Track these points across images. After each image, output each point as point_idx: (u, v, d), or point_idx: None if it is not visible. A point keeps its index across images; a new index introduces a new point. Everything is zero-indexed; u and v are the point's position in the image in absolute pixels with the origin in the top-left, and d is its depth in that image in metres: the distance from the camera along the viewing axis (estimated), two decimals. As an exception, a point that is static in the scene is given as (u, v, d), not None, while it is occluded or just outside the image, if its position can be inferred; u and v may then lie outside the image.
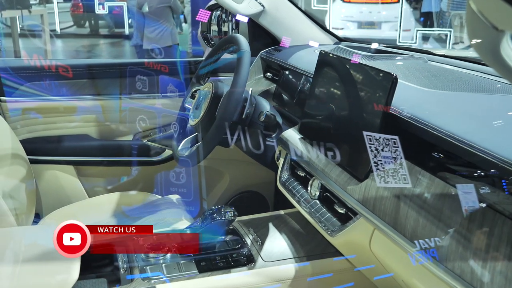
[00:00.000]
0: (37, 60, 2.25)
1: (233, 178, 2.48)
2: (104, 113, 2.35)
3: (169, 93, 2.39)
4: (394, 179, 1.23)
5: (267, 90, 2.11)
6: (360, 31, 9.16)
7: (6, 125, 1.95)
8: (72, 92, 2.31)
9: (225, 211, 1.48)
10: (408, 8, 9.56)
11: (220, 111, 1.66)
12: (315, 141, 1.55)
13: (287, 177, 1.69)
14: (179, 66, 2.41)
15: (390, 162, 1.23)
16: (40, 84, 2.26)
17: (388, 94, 1.26)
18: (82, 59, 6.70)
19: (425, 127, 1.18)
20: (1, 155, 1.88)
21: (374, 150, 1.27)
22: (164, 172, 2.34)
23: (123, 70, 2.36)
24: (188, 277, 1.40)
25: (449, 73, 1.59)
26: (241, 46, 1.69)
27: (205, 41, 2.45)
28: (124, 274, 1.41)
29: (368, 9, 9.48)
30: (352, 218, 1.33)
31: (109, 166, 2.34)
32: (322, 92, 1.57)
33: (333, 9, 8.37)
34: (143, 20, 6.20)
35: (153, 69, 2.36)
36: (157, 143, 2.39)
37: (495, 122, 1.18)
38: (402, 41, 7.60)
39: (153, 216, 1.96)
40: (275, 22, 2.16)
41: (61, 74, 2.26)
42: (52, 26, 9.62)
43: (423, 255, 1.06)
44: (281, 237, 1.59)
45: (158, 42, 6.08)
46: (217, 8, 2.39)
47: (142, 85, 2.36)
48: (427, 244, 1.06)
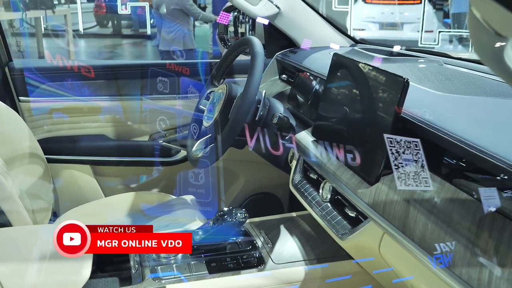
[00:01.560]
0: (60, 61, 2.28)
1: (247, 180, 2.48)
2: (124, 113, 2.37)
3: (189, 94, 2.41)
4: (415, 182, 1.23)
5: (282, 92, 2.11)
6: (381, 32, 9.10)
7: (24, 124, 1.99)
8: (93, 92, 2.34)
9: (236, 213, 1.49)
10: (431, 9, 9.47)
11: (233, 113, 1.67)
12: (327, 144, 1.55)
13: (299, 180, 1.70)
14: (200, 67, 2.42)
15: (411, 165, 1.23)
16: (62, 84, 2.29)
17: (399, 97, 1.25)
18: (103, 60, 6.75)
19: (436, 131, 1.17)
20: (19, 155, 1.92)
21: (395, 152, 1.27)
22: (179, 173, 2.36)
23: (144, 71, 2.39)
24: (199, 277, 1.41)
25: (464, 77, 1.57)
26: (255, 48, 1.69)
27: (222, 42, 2.46)
28: (135, 274, 1.42)
29: (390, 10, 9.41)
30: (362, 222, 1.33)
31: (125, 166, 2.36)
32: (335, 95, 1.57)
33: (355, 10, 8.33)
34: (160, 21, 6.24)
35: (174, 71, 2.37)
36: (172, 144, 2.41)
37: (508, 127, 1.17)
38: (424, 42, 7.54)
39: (167, 216, 1.98)
40: (291, 24, 2.16)
41: (83, 75, 2.29)
42: (75, 26, 9.75)
43: (431, 261, 1.06)
44: (292, 239, 1.59)
45: (171, 44, 6.10)
46: (234, 9, 2.40)
47: (163, 86, 2.38)
48: (435, 249, 1.06)
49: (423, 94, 1.38)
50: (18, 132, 1.96)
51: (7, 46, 2.22)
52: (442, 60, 1.80)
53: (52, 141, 2.29)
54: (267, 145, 1.76)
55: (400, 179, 1.22)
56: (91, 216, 2.06)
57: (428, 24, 8.41)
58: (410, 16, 9.26)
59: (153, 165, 2.38)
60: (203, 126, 1.87)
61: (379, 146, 1.26)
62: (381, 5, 9.52)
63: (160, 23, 6.20)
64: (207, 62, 2.48)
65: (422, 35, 7.45)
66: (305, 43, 2.16)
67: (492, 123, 1.20)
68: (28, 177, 1.92)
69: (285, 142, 1.76)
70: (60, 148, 2.30)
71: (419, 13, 8.71)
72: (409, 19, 9.24)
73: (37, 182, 1.96)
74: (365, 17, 9.15)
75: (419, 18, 8.66)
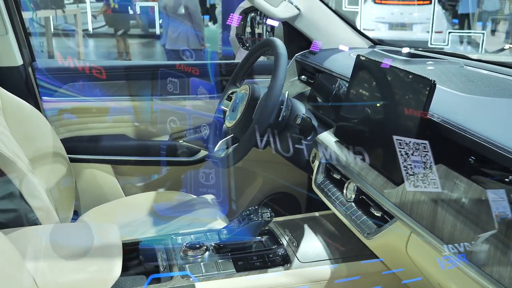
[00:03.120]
0: (71, 62, 2.31)
1: (266, 179, 2.51)
2: (138, 114, 2.40)
3: (200, 95, 2.44)
4: (424, 184, 1.25)
5: (302, 92, 2.13)
6: (391, 32, 9.12)
7: (48, 124, 2.01)
8: (105, 93, 2.37)
9: (262, 212, 1.51)
10: (440, 9, 9.47)
11: (257, 114, 1.69)
12: (351, 145, 1.57)
13: (322, 180, 1.71)
14: (210, 68, 2.45)
15: (420, 167, 1.25)
16: (74, 85, 2.32)
17: (426, 99, 1.27)
18: (115, 61, 6.76)
19: (463, 132, 1.18)
20: (43, 154, 1.95)
21: (404, 154, 1.30)
22: (199, 172, 2.39)
23: (155, 72, 2.41)
24: (227, 275, 1.43)
25: (486, 78, 1.59)
26: (278, 50, 1.71)
27: (240, 43, 2.49)
28: (163, 272, 1.45)
29: (400, 11, 9.42)
30: (389, 222, 1.35)
31: (145, 165, 2.39)
32: (359, 96, 1.58)
33: (364, 10, 8.33)
34: (167, 20, 6.26)
35: (184, 71, 2.40)
36: (192, 144, 2.43)
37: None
38: (434, 43, 7.53)
39: (188, 215, 2.00)
40: (311, 25, 2.18)
41: (95, 76, 2.32)
42: (84, 25, 9.78)
43: (460, 259, 1.07)
44: (316, 238, 1.61)
45: (176, 43, 6.13)
46: (252, 10, 2.42)
47: (173, 87, 2.40)
48: (464, 248, 1.07)
49: (448, 96, 1.40)
50: (42, 131, 1.98)
51: (31, 46, 2.26)
52: (463, 62, 1.81)
53: (74, 141, 2.32)
54: (290, 145, 1.78)
55: (410, 181, 1.26)
56: (112, 215, 2.09)
57: (437, 24, 8.40)
58: (419, 17, 9.27)
59: (173, 164, 2.40)
60: (225, 126, 1.89)
61: (405, 146, 1.28)
62: (391, 6, 9.54)
63: (167, 23, 6.22)
64: (217, 63, 2.50)
65: (432, 35, 7.44)
66: (315, 44, 2.18)
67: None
68: (51, 176, 1.95)
69: (307, 143, 1.78)
70: (82, 148, 2.33)
71: (428, 13, 8.71)
72: (419, 20, 9.26)
73: (60, 181, 1.99)
74: (374, 17, 9.17)
75: (428, 18, 8.66)
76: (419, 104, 1.28)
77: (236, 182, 2.51)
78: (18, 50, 2.19)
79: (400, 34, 9.25)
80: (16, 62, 2.18)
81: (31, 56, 2.27)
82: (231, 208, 2.49)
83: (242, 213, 1.54)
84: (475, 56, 1.91)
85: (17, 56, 2.19)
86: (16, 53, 2.18)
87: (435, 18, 7.88)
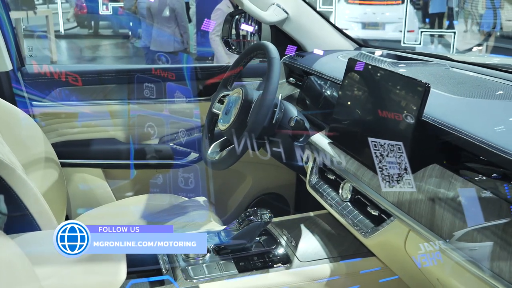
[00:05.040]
0: (46, 68, 2.30)
1: (255, 180, 2.54)
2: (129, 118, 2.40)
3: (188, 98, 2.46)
4: (398, 184, 1.31)
5: (291, 95, 2.17)
6: (364, 31, 9.25)
7: (38, 129, 2.01)
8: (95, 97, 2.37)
9: (261, 213, 1.54)
10: (412, 9, 9.63)
11: (252, 117, 1.72)
12: (345, 146, 1.61)
13: (316, 180, 1.75)
14: (186, 72, 2.46)
15: (395, 168, 1.31)
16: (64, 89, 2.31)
17: (421, 102, 1.31)
18: (106, 65, 6.64)
19: (458, 133, 1.23)
20: (35, 159, 1.94)
21: (379, 155, 1.35)
22: (190, 175, 2.40)
23: (137, 76, 2.42)
24: (229, 276, 1.46)
25: (474, 80, 1.64)
26: (272, 54, 1.74)
27: (226, 46, 2.51)
28: (166, 274, 1.47)
29: (372, 10, 9.57)
30: (386, 220, 1.39)
31: (136, 169, 2.40)
32: (352, 99, 1.63)
33: (338, 10, 8.43)
34: (152, 22, 6.23)
35: (160, 76, 2.41)
36: (183, 147, 2.44)
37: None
38: (406, 42, 7.66)
39: (182, 218, 2.02)
40: (298, 28, 2.22)
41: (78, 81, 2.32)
42: (55, 26, 9.66)
43: (460, 255, 1.12)
44: (314, 238, 1.65)
45: (162, 46, 6.10)
46: (238, 13, 2.45)
47: (149, 92, 2.41)
48: (464, 244, 1.12)
49: (440, 98, 1.44)
50: (33, 136, 1.98)
51: (20, 51, 2.24)
52: (448, 64, 1.87)
53: (64, 145, 2.31)
54: (283, 147, 1.81)
55: (385, 181, 1.32)
56: (104, 219, 2.09)
57: (409, 24, 8.55)
58: (391, 16, 9.43)
59: (164, 167, 2.41)
60: (217, 129, 1.91)
61: (401, 148, 1.33)
62: (363, 6, 9.67)
63: (151, 24, 6.19)
64: (193, 67, 2.51)
65: (404, 34, 7.56)
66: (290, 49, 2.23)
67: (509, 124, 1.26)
68: (44, 181, 1.95)
69: (300, 145, 1.81)
70: (72, 152, 2.33)
71: (400, 13, 8.87)
72: (391, 19, 9.41)
73: (52, 186, 1.98)
74: (348, 17, 9.29)
75: (400, 18, 8.83)
76: (414, 106, 1.32)
77: (226, 184, 2.54)
78: (7, 55, 2.17)
79: (372, 33, 9.39)
80: (6, 67, 2.16)
81: (21, 61, 2.25)
82: (222, 209, 2.51)
83: (242, 214, 1.57)
84: (460, 58, 1.97)
85: (7, 61, 2.16)
86: (6, 58, 2.16)
87: (407, 18, 8.02)
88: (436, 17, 10.23)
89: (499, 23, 8.28)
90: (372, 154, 1.38)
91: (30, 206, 1.51)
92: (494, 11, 8.32)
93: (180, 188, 2.40)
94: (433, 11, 10.27)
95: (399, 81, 1.42)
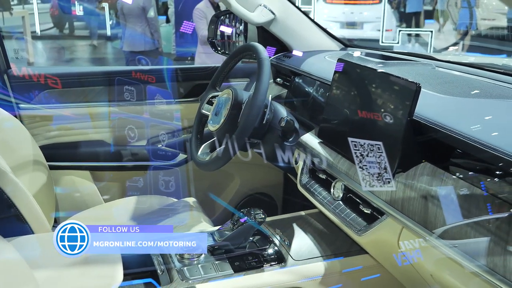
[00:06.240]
0: (30, 71, 2.29)
1: (243, 180, 2.56)
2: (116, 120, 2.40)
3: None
4: (378, 183, 1.34)
5: (279, 95, 2.19)
6: (342, 31, 9.31)
7: (26, 132, 2.00)
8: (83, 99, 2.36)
9: (255, 213, 1.55)
10: (389, 8, 9.73)
11: (243, 117, 1.73)
12: (335, 146, 1.63)
13: (307, 180, 1.77)
14: (166, 74, 2.47)
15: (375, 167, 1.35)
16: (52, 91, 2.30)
17: (412, 101, 1.33)
18: (95, 67, 6.56)
19: (449, 132, 1.25)
20: (23, 162, 1.93)
21: (360, 155, 1.38)
22: (179, 176, 2.41)
23: (115, 78, 2.42)
24: (225, 276, 1.47)
25: (460, 79, 1.68)
26: (261, 54, 1.76)
27: (212, 47, 2.52)
28: (162, 275, 1.47)
29: (350, 10, 9.64)
30: (379, 218, 1.42)
31: (124, 170, 2.39)
32: (342, 98, 1.64)
33: (316, 10, 8.48)
34: (124, 22, 6.19)
35: (141, 79, 2.42)
36: (170, 148, 2.45)
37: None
38: (385, 41, 7.75)
39: (172, 219, 2.02)
40: (285, 29, 2.24)
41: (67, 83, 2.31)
42: (31, 27, 9.55)
43: (454, 251, 1.15)
44: (307, 236, 1.67)
45: (134, 46, 6.08)
46: (224, 14, 2.46)
47: (129, 95, 2.42)
48: (458, 240, 1.15)
49: (429, 97, 1.47)
50: (21, 139, 1.97)
51: (5, 54, 2.22)
52: (434, 64, 1.90)
53: (51, 148, 2.30)
54: (273, 148, 1.83)
55: (365, 180, 1.35)
56: (93, 222, 2.08)
57: (387, 23, 8.63)
58: (369, 16, 9.52)
59: (152, 169, 2.41)
60: (207, 130, 1.92)
61: (392, 147, 1.35)
62: (341, 5, 9.74)
63: (124, 24, 6.16)
64: (173, 68, 2.52)
65: (383, 33, 7.64)
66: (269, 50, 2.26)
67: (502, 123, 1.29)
68: (32, 184, 1.94)
69: (290, 145, 1.83)
70: (59, 155, 2.31)
71: (378, 12, 8.95)
72: (369, 19, 9.50)
73: (41, 189, 1.98)
74: (326, 16, 9.33)
75: (378, 17, 8.90)
76: (405, 106, 1.35)
77: (214, 184, 2.55)
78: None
79: (351, 32, 9.45)
80: None
81: (6, 64, 2.23)
82: (211, 210, 2.52)
83: (236, 214, 1.58)
84: (445, 58, 2.00)
85: None
86: None
87: (385, 17, 8.10)
88: (413, 16, 10.36)
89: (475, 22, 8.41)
90: (352, 154, 1.41)
91: (22, 210, 1.51)
92: (470, 11, 8.45)
93: (169, 189, 2.40)
94: (410, 10, 10.40)
95: (389, 81, 1.44)
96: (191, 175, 2.41)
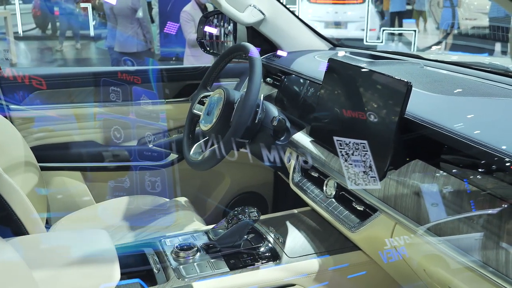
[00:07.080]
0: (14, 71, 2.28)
1: (233, 180, 2.57)
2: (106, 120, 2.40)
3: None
4: (364, 181, 1.37)
5: (269, 94, 2.20)
6: (327, 30, 9.36)
7: (17, 133, 1.99)
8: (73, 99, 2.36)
9: (249, 212, 1.57)
10: (373, 8, 9.80)
11: (235, 117, 1.75)
12: (327, 144, 1.65)
13: (299, 178, 1.79)
14: (155, 74, 2.48)
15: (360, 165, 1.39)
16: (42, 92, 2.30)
17: (403, 100, 1.36)
18: (86, 67, 6.51)
19: (440, 130, 1.28)
20: (15, 163, 1.93)
21: (345, 154, 1.41)
22: (170, 175, 2.42)
23: (102, 80, 2.42)
24: (221, 274, 1.48)
25: (449, 78, 1.71)
26: (253, 54, 1.78)
27: (202, 47, 2.53)
28: (158, 274, 1.48)
29: (334, 10, 9.70)
30: (372, 215, 1.44)
31: (115, 171, 2.40)
32: (334, 98, 1.66)
33: (301, 9, 8.53)
34: (115, 23, 6.17)
35: (127, 80, 2.42)
36: (161, 148, 2.46)
37: (501, 123, 1.30)
38: (369, 40, 7.81)
39: (164, 218, 2.03)
40: (275, 29, 2.26)
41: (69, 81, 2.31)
42: (13, 28, 9.45)
43: (447, 246, 1.17)
44: (301, 234, 1.69)
45: (126, 47, 6.06)
46: (213, 15, 2.47)
47: (114, 96, 2.42)
48: (451, 235, 1.17)
49: (419, 96, 1.49)
50: (13, 141, 1.96)
51: (-5, 55, 2.21)
52: (422, 63, 1.93)
53: (42, 149, 2.30)
54: (265, 147, 1.85)
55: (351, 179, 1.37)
56: (85, 222, 2.08)
57: (371, 22, 8.71)
58: (353, 15, 9.59)
59: (143, 169, 2.42)
60: (199, 130, 1.93)
61: (384, 145, 1.38)
62: (325, 5, 9.80)
63: (115, 25, 6.14)
64: (159, 69, 2.53)
65: (367, 33, 7.71)
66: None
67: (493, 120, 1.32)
68: (24, 185, 1.93)
69: (281, 143, 1.85)
70: (50, 156, 2.31)
71: (362, 12, 9.02)
72: (353, 18, 9.57)
73: (33, 190, 1.97)
74: (310, 16, 9.38)
75: (362, 17, 8.98)
76: (397, 104, 1.37)
77: (205, 183, 2.56)
78: None
79: (335, 32, 9.52)
80: None
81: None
82: (202, 209, 2.53)
83: (230, 213, 1.60)
84: (432, 57, 2.04)
85: None
86: None
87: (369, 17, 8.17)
88: (396, 15, 10.45)
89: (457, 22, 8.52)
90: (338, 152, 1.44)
91: (17, 210, 1.51)
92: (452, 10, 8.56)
93: (160, 189, 2.41)
94: (393, 9, 10.50)
95: (381, 80, 1.46)
96: (182, 175, 2.42)
